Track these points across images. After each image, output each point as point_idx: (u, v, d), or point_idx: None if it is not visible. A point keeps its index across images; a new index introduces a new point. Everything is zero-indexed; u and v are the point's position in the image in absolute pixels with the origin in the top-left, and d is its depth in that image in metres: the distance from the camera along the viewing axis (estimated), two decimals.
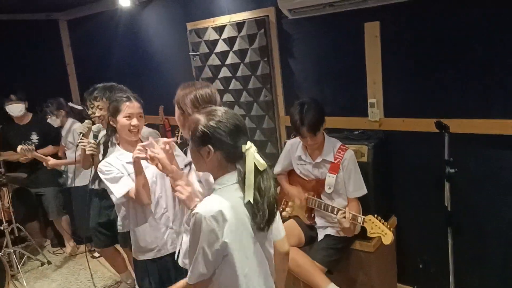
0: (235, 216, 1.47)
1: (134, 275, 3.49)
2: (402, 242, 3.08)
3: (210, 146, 1.51)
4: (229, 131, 1.51)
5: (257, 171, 1.51)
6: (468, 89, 2.63)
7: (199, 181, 1.87)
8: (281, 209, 3.00)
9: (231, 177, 1.54)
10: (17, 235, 4.34)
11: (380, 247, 2.77)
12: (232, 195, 1.51)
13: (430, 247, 2.93)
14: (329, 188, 2.66)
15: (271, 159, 3.58)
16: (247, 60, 3.58)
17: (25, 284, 3.83)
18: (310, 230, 2.82)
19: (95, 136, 2.83)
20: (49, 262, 4.30)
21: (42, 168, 4.21)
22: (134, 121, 2.36)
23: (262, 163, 1.51)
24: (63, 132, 4.24)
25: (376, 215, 2.45)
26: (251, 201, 1.49)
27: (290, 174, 2.99)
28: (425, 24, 2.73)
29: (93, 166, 2.83)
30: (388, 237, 2.37)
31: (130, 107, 2.37)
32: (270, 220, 1.54)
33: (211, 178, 1.65)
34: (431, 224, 2.89)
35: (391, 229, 2.40)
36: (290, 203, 2.95)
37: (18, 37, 5.02)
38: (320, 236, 2.76)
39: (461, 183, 2.60)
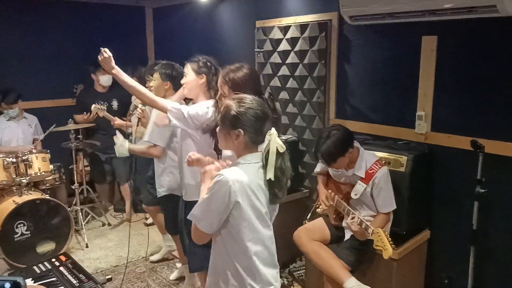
0: (250, 188, 1.70)
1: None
2: (433, 255, 3.10)
3: (240, 130, 1.72)
4: (258, 116, 1.73)
5: (278, 153, 1.71)
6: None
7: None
8: (317, 205, 3.15)
9: (255, 157, 1.76)
10: (85, 196, 4.88)
11: (405, 256, 2.83)
12: (254, 172, 1.73)
13: (457, 264, 2.93)
14: (355, 194, 2.74)
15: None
16: (306, 61, 3.73)
17: (85, 239, 4.29)
18: (337, 230, 2.93)
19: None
20: (109, 224, 4.78)
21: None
22: None
23: (283, 146, 1.72)
24: None
25: (383, 230, 2.50)
26: (272, 178, 1.70)
27: (329, 175, 3.11)
28: (482, 43, 2.72)
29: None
30: (387, 252, 2.42)
31: None
32: (285, 194, 1.78)
33: (228, 152, 1.91)
34: (460, 241, 2.88)
35: (393, 245, 2.43)
36: None
37: (108, 19, 5.53)
38: (347, 236, 2.85)
39: (492, 204, 2.58)
